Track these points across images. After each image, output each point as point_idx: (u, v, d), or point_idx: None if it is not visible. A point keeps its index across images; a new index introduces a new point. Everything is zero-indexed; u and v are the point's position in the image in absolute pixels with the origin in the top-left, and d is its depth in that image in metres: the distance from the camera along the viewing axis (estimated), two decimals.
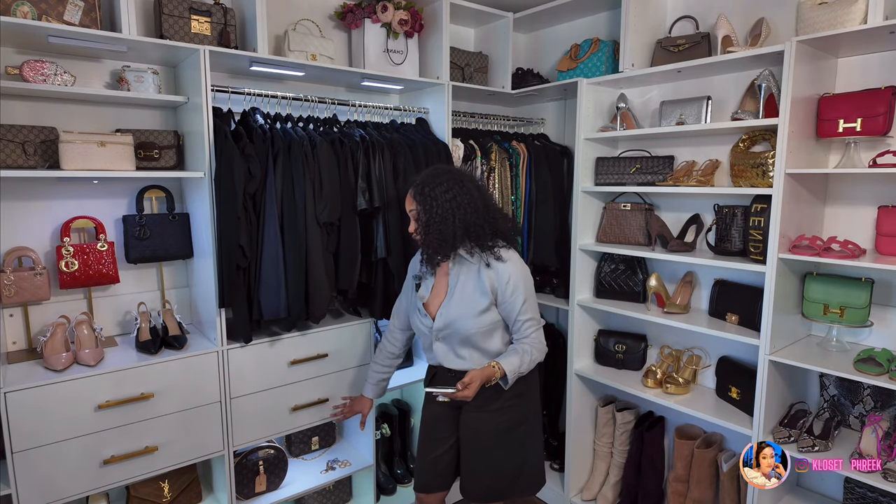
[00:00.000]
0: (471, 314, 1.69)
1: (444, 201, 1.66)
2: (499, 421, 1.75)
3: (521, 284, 1.70)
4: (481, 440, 1.76)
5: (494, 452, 1.76)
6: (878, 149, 1.84)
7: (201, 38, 1.91)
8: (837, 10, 1.74)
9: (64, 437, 1.67)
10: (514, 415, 1.76)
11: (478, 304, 1.69)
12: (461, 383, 1.61)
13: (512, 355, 1.68)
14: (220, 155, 1.81)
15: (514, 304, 1.70)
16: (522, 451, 1.79)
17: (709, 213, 2.29)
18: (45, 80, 1.71)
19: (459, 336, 1.72)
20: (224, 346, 1.93)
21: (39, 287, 1.81)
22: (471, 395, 1.62)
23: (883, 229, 1.80)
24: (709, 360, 2.36)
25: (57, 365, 1.71)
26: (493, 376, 1.64)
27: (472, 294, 1.70)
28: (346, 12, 2.34)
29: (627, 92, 2.50)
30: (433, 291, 1.79)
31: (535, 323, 1.74)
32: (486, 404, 1.74)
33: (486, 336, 1.72)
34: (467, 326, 1.70)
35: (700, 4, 2.31)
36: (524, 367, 1.68)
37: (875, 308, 1.89)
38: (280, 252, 1.91)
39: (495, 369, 1.64)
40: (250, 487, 2.14)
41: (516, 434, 1.77)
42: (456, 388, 1.61)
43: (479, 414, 1.76)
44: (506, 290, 1.69)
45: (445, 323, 1.73)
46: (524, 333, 1.72)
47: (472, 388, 1.61)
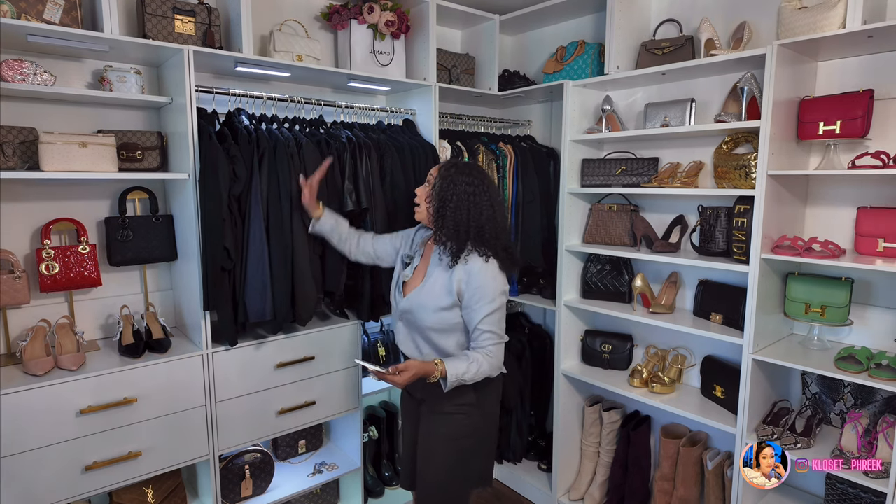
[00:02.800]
0: (431, 307, 1.66)
1: (463, 192, 1.64)
2: (444, 425, 1.70)
3: (488, 294, 1.62)
4: (428, 441, 1.74)
5: (435, 456, 1.72)
6: (857, 151, 1.87)
7: (185, 38, 1.89)
8: (817, 15, 1.77)
9: (44, 443, 1.63)
10: (460, 424, 1.70)
11: (440, 300, 1.65)
12: (395, 367, 1.56)
13: (460, 360, 1.61)
14: (205, 156, 1.79)
15: (478, 311, 1.62)
16: (462, 465, 1.72)
17: (693, 214, 2.32)
18: (24, 79, 1.68)
19: (417, 325, 1.71)
20: (209, 350, 1.91)
21: (18, 290, 1.77)
22: (401, 382, 1.55)
23: (862, 230, 1.83)
24: (694, 359, 2.39)
25: (37, 370, 1.67)
26: (433, 373, 1.58)
27: (440, 290, 1.66)
28: (332, 13, 2.33)
29: (613, 94, 2.53)
30: (415, 273, 1.78)
31: (496, 337, 1.65)
32: (435, 406, 1.71)
33: (442, 334, 1.69)
34: (425, 318, 1.67)
35: (684, 8, 2.34)
36: (469, 375, 1.59)
37: (855, 307, 1.92)
38: (266, 254, 1.90)
39: (437, 367, 1.57)
40: (236, 492, 2.11)
41: (459, 445, 1.71)
42: (387, 370, 1.56)
43: (430, 415, 1.74)
44: (473, 295, 1.62)
45: (409, 307, 1.71)
46: (481, 343, 1.64)
47: (404, 375, 1.55)
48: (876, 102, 1.82)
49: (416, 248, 1.83)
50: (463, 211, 1.64)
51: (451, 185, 1.65)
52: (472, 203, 1.64)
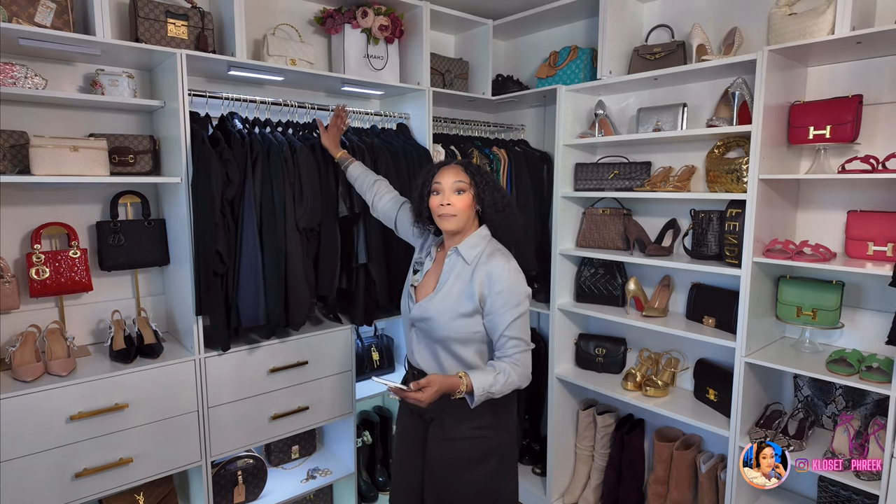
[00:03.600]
0: (450, 314, 1.54)
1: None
2: (463, 452, 1.57)
3: (513, 298, 1.51)
4: (445, 470, 1.59)
5: (457, 486, 1.58)
6: (847, 155, 1.89)
7: (178, 41, 1.88)
8: (807, 21, 1.79)
9: (33, 450, 1.61)
10: (480, 447, 1.57)
11: (460, 306, 1.53)
12: (416, 384, 1.41)
13: (486, 372, 1.46)
14: (198, 160, 1.78)
15: (503, 317, 1.49)
16: (490, 490, 1.60)
17: (685, 218, 2.33)
18: (14, 83, 1.67)
19: (434, 335, 1.58)
20: (201, 355, 1.90)
21: (8, 295, 1.76)
22: (424, 399, 1.41)
23: (852, 233, 1.85)
24: (687, 362, 2.40)
25: (26, 376, 1.65)
26: (458, 388, 1.44)
27: (458, 295, 1.54)
28: (326, 17, 2.33)
29: (605, 99, 2.54)
30: (425, 278, 1.66)
31: (523, 344, 1.51)
32: (450, 432, 1.57)
33: (463, 344, 1.56)
34: (443, 326, 1.54)
35: (675, 13, 2.36)
36: (497, 387, 1.45)
37: (845, 310, 1.94)
38: (259, 258, 1.89)
39: (462, 381, 1.44)
40: (229, 498, 2.10)
41: (483, 469, 1.58)
42: (409, 387, 1.42)
43: (442, 442, 1.59)
44: (496, 299, 1.50)
45: (423, 315, 1.58)
46: (506, 352, 1.50)
47: (427, 392, 1.41)
48: (865, 107, 1.84)
49: (427, 253, 1.71)
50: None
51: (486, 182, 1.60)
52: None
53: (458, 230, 1.60)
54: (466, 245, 1.59)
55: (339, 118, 2.07)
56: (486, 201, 1.59)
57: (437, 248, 1.70)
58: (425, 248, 1.73)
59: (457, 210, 1.57)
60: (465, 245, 1.59)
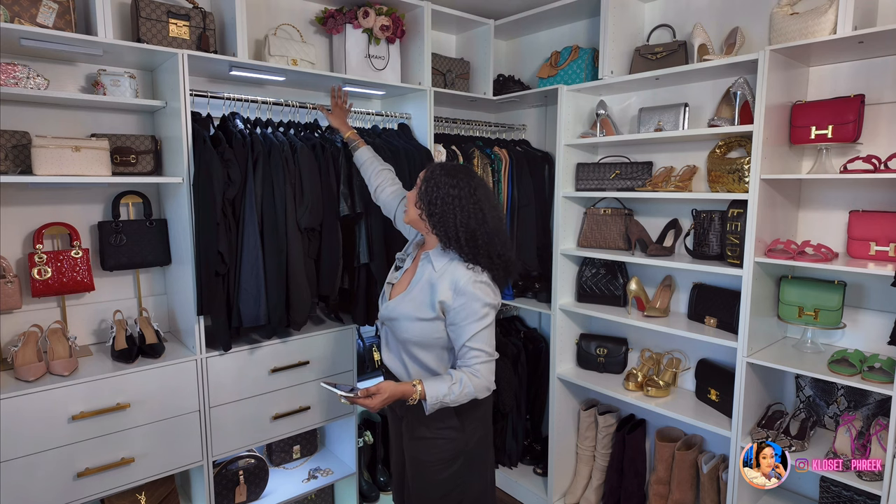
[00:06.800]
0: (411, 318, 1.55)
1: (447, 195, 1.52)
2: (429, 453, 1.59)
3: (475, 311, 1.49)
4: (415, 468, 1.63)
5: (426, 485, 1.61)
6: (849, 155, 1.89)
7: (179, 41, 1.89)
8: (808, 21, 1.79)
9: (35, 449, 1.62)
10: (446, 448, 1.58)
11: (420, 313, 1.54)
12: (364, 390, 1.44)
13: (442, 381, 1.47)
14: (199, 160, 1.78)
15: (464, 329, 1.49)
16: (457, 490, 1.61)
17: (687, 218, 2.33)
18: (16, 83, 1.67)
19: (399, 336, 1.60)
20: (203, 355, 1.90)
21: (10, 295, 1.76)
22: (373, 406, 1.43)
23: (854, 233, 1.85)
24: (688, 362, 2.39)
25: (28, 375, 1.66)
26: (410, 395, 1.45)
27: (422, 301, 1.55)
28: (328, 17, 2.33)
29: (607, 99, 2.54)
30: (402, 278, 1.67)
31: (484, 355, 1.50)
32: (415, 432, 1.60)
33: (423, 348, 1.57)
34: (404, 328, 1.57)
35: (677, 13, 2.36)
36: (452, 397, 1.45)
37: (847, 310, 1.94)
38: (260, 258, 1.89)
39: (415, 389, 1.45)
40: (230, 498, 2.10)
41: (449, 469, 1.59)
42: (356, 394, 1.43)
43: (411, 441, 1.63)
44: (459, 312, 1.49)
45: (390, 315, 1.61)
46: (467, 362, 1.49)
47: (376, 399, 1.42)
48: (867, 107, 1.83)
49: (409, 252, 1.75)
50: (449, 215, 1.52)
51: (436, 188, 1.54)
52: (458, 206, 1.51)
53: (409, 223, 1.65)
54: (436, 252, 1.59)
55: (338, 98, 2.09)
56: (423, 201, 1.56)
57: (418, 249, 1.72)
58: (410, 247, 1.76)
59: (408, 203, 1.64)
60: (435, 252, 1.59)
